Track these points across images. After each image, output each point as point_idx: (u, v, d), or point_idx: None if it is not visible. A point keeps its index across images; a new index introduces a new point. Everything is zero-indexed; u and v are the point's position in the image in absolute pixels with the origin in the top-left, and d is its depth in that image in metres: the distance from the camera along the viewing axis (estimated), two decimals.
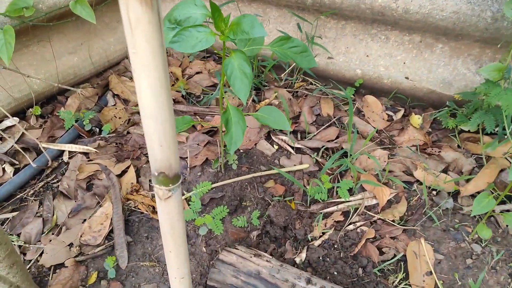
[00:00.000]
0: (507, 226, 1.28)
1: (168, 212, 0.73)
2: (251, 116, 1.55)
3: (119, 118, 1.61)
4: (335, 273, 1.16)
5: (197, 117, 1.62)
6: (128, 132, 1.57)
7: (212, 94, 1.71)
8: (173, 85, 1.75)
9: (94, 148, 1.49)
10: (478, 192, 1.36)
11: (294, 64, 1.70)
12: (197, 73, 1.83)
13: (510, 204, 1.32)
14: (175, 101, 1.70)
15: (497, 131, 1.44)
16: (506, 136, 1.41)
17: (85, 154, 1.48)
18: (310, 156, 1.50)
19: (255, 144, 1.55)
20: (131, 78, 1.75)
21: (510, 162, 1.37)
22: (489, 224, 1.29)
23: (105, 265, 1.19)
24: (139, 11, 0.43)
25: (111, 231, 1.28)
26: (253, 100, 1.69)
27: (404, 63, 1.57)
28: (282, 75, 1.75)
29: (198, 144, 1.52)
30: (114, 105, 1.66)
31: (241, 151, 1.52)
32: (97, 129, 1.57)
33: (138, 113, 1.66)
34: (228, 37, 0.96)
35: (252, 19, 0.92)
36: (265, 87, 1.74)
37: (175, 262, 0.78)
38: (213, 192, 1.36)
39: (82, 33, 1.63)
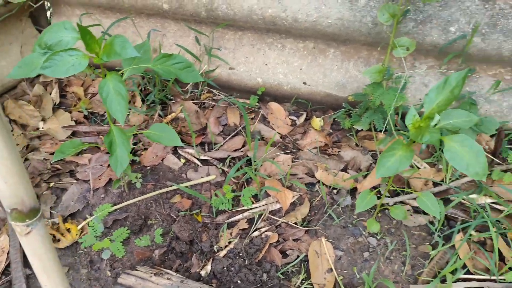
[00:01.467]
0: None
1: (33, 248, 0.71)
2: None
3: (17, 144, 1.54)
4: (239, 281, 1.19)
5: (100, 136, 1.59)
6: (26, 159, 1.51)
7: None
8: (75, 105, 1.70)
9: None
10: (375, 187, 1.45)
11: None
12: None
13: (403, 196, 1.41)
14: (77, 122, 1.65)
15: (387, 128, 1.53)
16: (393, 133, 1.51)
17: None
18: (217, 166, 1.52)
19: (162, 160, 1.54)
20: (29, 102, 1.68)
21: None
22: (383, 216, 1.37)
23: None
24: None
25: (8, 265, 1.23)
26: (159, 115, 1.68)
27: (301, 69, 1.63)
28: (187, 88, 1.76)
29: (101, 165, 1.49)
30: (12, 130, 1.59)
31: (148, 167, 1.51)
32: None
33: (38, 137, 1.60)
34: (102, 59, 0.95)
35: (122, 40, 0.93)
36: (171, 101, 1.74)
37: None
38: (117, 213, 1.34)
39: None
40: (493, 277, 1.21)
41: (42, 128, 1.62)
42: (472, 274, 1.23)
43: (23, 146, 1.54)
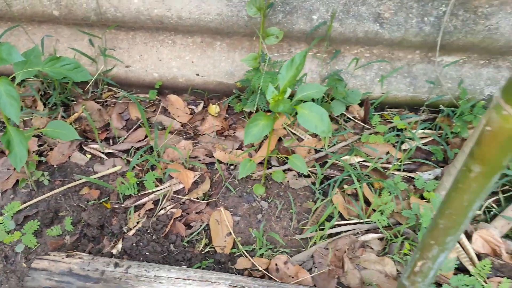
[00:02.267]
0: (288, 181, 1.59)
1: None
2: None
3: None
4: (147, 253, 1.33)
5: None
6: None
7: None
8: None
9: None
10: (267, 161, 1.66)
11: (96, 76, 1.81)
12: None
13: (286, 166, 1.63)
14: None
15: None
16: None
17: None
18: (121, 158, 1.64)
19: (69, 157, 1.64)
20: None
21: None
22: (274, 183, 1.58)
23: None
24: None
25: None
26: (62, 116, 1.76)
27: (193, 62, 1.80)
28: (87, 88, 1.85)
29: (8, 169, 1.55)
30: None
31: (54, 166, 1.60)
32: None
33: None
34: None
35: (8, 47, 1.03)
36: (73, 102, 1.82)
37: None
38: (27, 210, 1.43)
39: None
40: (361, 220, 1.47)
41: None
42: (346, 220, 1.48)
43: None
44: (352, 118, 1.82)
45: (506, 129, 0.50)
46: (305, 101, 1.15)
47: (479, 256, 1.34)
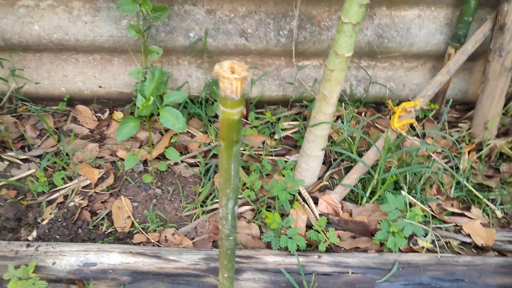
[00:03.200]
0: (180, 171, 1.94)
1: None
2: None
3: None
4: (57, 237, 1.64)
5: None
6: None
7: None
8: None
9: None
10: (162, 156, 1.99)
11: (9, 93, 2.07)
12: None
13: (183, 157, 1.98)
14: None
15: None
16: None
17: None
18: (35, 162, 1.92)
19: None
20: None
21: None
22: (170, 173, 1.93)
23: None
24: None
25: None
26: None
27: (95, 76, 2.10)
28: (2, 104, 2.10)
29: None
30: None
31: None
32: None
33: None
34: None
35: None
36: None
37: None
38: None
39: None
40: None
41: None
42: None
43: None
44: None
45: (224, 118, 0.87)
46: (168, 105, 1.50)
47: (322, 215, 1.75)
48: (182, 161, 1.99)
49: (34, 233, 1.65)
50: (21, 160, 1.93)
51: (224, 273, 1.28)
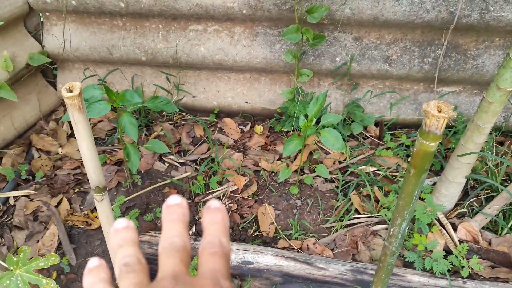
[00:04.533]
0: (317, 185, 2.08)
1: (103, 210, 1.36)
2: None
3: (46, 166, 2.15)
4: None
5: (106, 154, 2.22)
6: (55, 175, 2.12)
7: (113, 136, 2.32)
8: None
9: (32, 190, 2.02)
10: (300, 169, 2.15)
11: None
12: (99, 121, 2.43)
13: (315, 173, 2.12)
14: None
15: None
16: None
17: (27, 196, 2.01)
18: (191, 166, 2.18)
19: (152, 165, 2.19)
20: (47, 134, 2.29)
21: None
22: (306, 186, 2.08)
23: (61, 265, 1.75)
24: (78, 115, 1.08)
25: (60, 243, 1.84)
26: (145, 134, 2.33)
27: (243, 93, 2.33)
28: (163, 113, 2.41)
29: (110, 173, 2.12)
30: (39, 157, 2.20)
31: (142, 172, 2.15)
32: (31, 177, 2.10)
33: (60, 159, 2.21)
34: (118, 104, 1.61)
35: (131, 93, 1.59)
36: (152, 123, 2.39)
37: None
38: (127, 203, 1.98)
39: (3, 108, 2.15)
40: (372, 215, 1.93)
41: (61, 152, 2.24)
42: (360, 214, 1.95)
43: (51, 166, 2.15)
44: (370, 136, 2.30)
45: (421, 149, 0.98)
46: (327, 126, 1.64)
47: (462, 242, 1.77)
48: (318, 176, 2.12)
49: (193, 229, 1.89)
50: (179, 163, 2.21)
51: (379, 287, 1.37)
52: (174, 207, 0.44)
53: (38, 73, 2.36)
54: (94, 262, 0.42)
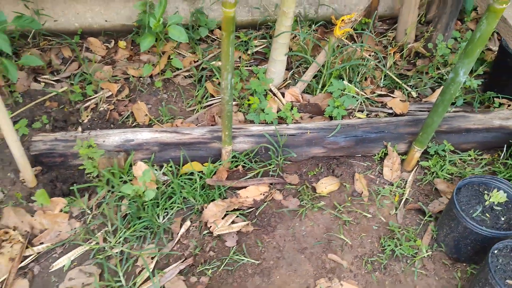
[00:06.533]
0: (178, 82, 2.54)
1: None
2: None
3: None
4: (98, 129, 2.24)
5: None
6: None
7: None
8: None
9: None
10: (163, 71, 2.57)
11: (34, 30, 2.57)
12: None
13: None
14: None
15: None
16: None
17: None
18: (66, 82, 2.47)
19: (29, 86, 2.43)
20: None
21: None
22: (169, 83, 2.52)
23: None
24: None
25: None
26: (15, 61, 2.52)
27: (101, 12, 2.62)
28: (28, 40, 2.61)
29: None
30: None
31: (21, 92, 2.39)
32: None
33: None
34: None
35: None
36: (20, 51, 2.58)
37: None
38: (14, 118, 2.24)
39: None
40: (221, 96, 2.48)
41: None
42: (214, 97, 2.48)
43: None
44: (216, 38, 2.79)
45: (225, 16, 1.49)
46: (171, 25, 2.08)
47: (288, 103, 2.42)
48: (178, 74, 2.59)
49: (79, 129, 2.25)
50: (54, 81, 2.48)
51: (225, 132, 1.93)
52: None
53: None
54: None
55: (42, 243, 1.83)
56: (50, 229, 1.87)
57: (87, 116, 2.32)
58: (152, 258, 1.80)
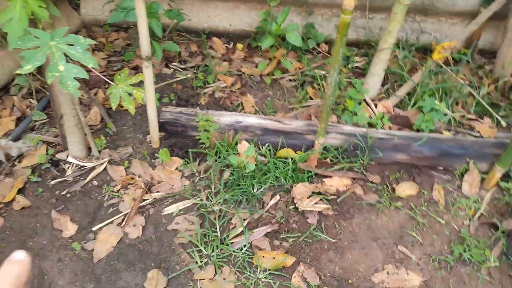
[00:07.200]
0: (284, 84, 2.89)
1: (149, 75, 2.11)
2: None
3: None
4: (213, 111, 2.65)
5: (124, 62, 2.93)
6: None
7: (128, 50, 3.02)
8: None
9: None
10: (271, 74, 2.95)
11: (173, 25, 3.09)
12: (115, 39, 3.12)
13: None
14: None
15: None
16: None
17: None
18: (190, 70, 2.94)
19: (161, 70, 2.93)
20: None
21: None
22: (276, 85, 2.88)
23: (106, 129, 2.49)
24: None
25: (102, 118, 2.58)
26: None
27: (227, 17, 3.08)
28: (165, 34, 3.13)
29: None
30: None
31: (156, 74, 2.89)
32: None
33: None
34: (148, 11, 2.34)
35: (156, 4, 2.31)
36: (156, 42, 3.10)
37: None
38: None
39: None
40: (321, 99, 2.78)
41: None
42: (313, 99, 2.79)
43: None
44: (321, 51, 3.12)
45: (342, 21, 1.81)
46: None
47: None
48: (284, 77, 2.94)
49: (198, 109, 2.67)
50: (181, 68, 2.96)
51: (322, 124, 2.22)
52: (15, 264, 0.43)
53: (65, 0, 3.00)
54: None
55: (158, 192, 2.23)
56: (166, 182, 2.27)
57: (205, 100, 2.74)
58: (245, 219, 2.11)
